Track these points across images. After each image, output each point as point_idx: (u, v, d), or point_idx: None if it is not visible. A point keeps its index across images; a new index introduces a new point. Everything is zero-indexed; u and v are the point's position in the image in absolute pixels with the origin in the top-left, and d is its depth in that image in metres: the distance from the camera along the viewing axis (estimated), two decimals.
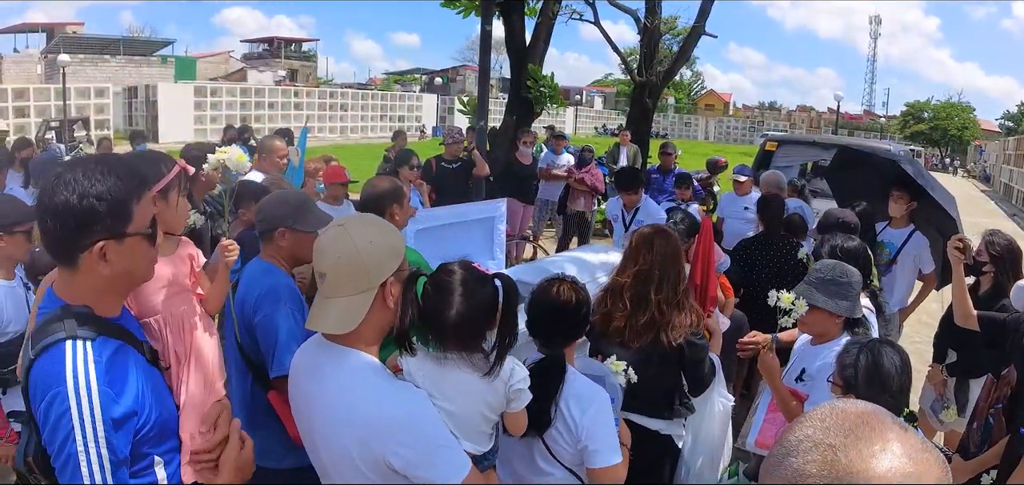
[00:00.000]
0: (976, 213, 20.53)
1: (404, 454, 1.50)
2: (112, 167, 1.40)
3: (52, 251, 1.42)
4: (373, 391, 1.56)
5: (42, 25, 39.95)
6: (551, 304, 2.15)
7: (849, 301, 2.56)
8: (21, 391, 1.42)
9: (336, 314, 1.57)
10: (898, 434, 0.68)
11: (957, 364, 3.71)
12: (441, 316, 1.67)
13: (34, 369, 1.36)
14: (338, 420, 1.57)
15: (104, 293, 1.45)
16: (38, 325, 1.41)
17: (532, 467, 2.12)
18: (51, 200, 1.34)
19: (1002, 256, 3.48)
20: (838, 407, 0.73)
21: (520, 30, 8.75)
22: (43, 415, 1.33)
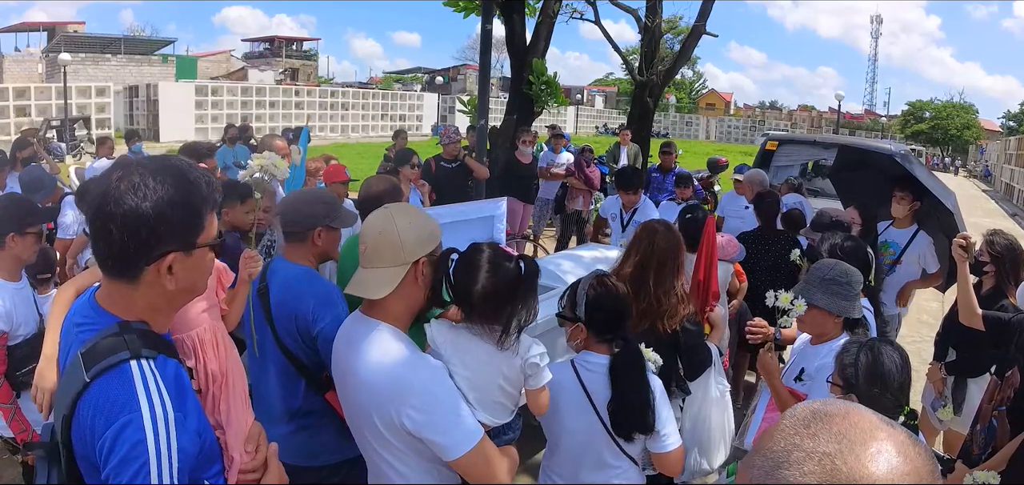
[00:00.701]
0: (977, 212, 20.51)
1: (416, 417, 1.64)
2: (183, 172, 1.28)
3: (111, 263, 1.26)
4: (392, 359, 1.70)
5: (43, 24, 40.01)
6: (612, 298, 2.23)
7: (848, 301, 2.55)
8: (60, 418, 1.26)
9: (374, 281, 1.75)
10: (886, 432, 0.68)
11: (956, 363, 3.71)
12: (468, 289, 1.84)
13: (93, 393, 1.20)
14: (367, 383, 1.73)
15: (162, 309, 1.34)
16: (91, 344, 1.24)
17: (599, 464, 2.19)
18: (118, 207, 1.20)
19: (1003, 256, 3.48)
20: (817, 410, 0.71)
21: (521, 29, 8.75)
22: (109, 443, 1.18)
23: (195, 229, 1.29)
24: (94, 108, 24.12)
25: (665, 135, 42.53)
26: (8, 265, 2.81)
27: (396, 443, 1.71)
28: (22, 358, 2.76)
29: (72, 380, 1.23)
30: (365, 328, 1.78)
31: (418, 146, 8.50)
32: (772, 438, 0.71)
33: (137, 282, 1.27)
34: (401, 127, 13.29)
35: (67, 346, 1.34)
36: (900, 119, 65.91)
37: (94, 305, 1.31)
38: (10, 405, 2.71)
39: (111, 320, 1.28)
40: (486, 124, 6.83)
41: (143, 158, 1.36)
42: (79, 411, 1.21)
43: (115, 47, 37.22)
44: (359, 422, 1.81)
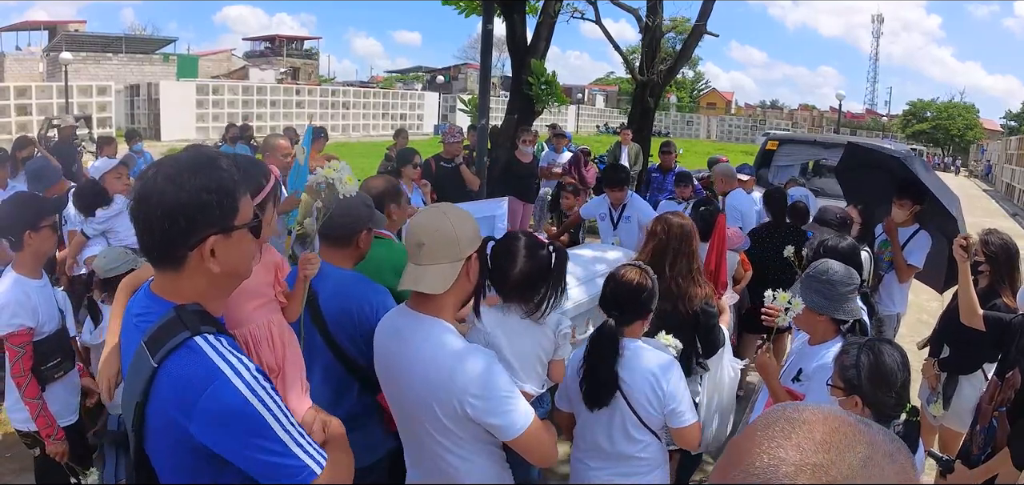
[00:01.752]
0: (977, 212, 20.51)
1: (477, 405, 1.78)
2: (213, 161, 1.35)
3: (156, 252, 1.34)
4: (450, 352, 1.83)
5: (44, 23, 40.04)
6: (621, 284, 2.47)
7: (830, 301, 2.55)
8: (131, 406, 1.32)
9: (432, 277, 1.84)
10: (865, 434, 0.66)
11: (948, 359, 3.73)
12: (507, 274, 2.11)
13: (165, 375, 1.27)
14: (425, 377, 1.84)
15: (210, 294, 1.40)
16: (152, 331, 1.31)
17: (627, 438, 2.40)
18: (157, 199, 1.28)
19: (998, 255, 3.49)
20: (792, 418, 0.67)
21: (521, 29, 8.74)
22: (203, 412, 1.25)
23: (231, 212, 1.35)
24: (95, 107, 24.10)
25: (666, 134, 42.52)
26: (29, 262, 2.85)
27: (457, 431, 1.84)
28: (47, 353, 2.81)
29: (140, 369, 1.31)
30: (417, 323, 1.89)
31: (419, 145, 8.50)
32: (748, 452, 0.66)
33: (182, 268, 1.34)
34: (402, 126, 13.30)
35: (128, 336, 1.41)
36: (901, 119, 65.89)
37: (150, 295, 1.39)
38: (37, 400, 2.75)
39: (167, 306, 1.35)
40: (487, 124, 6.82)
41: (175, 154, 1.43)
42: (153, 396, 1.29)
43: (116, 46, 37.25)
44: (415, 413, 1.90)
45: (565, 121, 40.26)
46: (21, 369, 2.71)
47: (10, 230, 2.83)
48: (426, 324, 1.88)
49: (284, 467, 1.30)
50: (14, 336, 2.69)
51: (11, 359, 2.72)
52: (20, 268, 2.83)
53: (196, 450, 1.29)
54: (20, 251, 2.83)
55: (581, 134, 40.41)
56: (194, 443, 1.28)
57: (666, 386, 2.34)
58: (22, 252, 2.83)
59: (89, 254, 4.17)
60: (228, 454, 1.28)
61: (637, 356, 2.38)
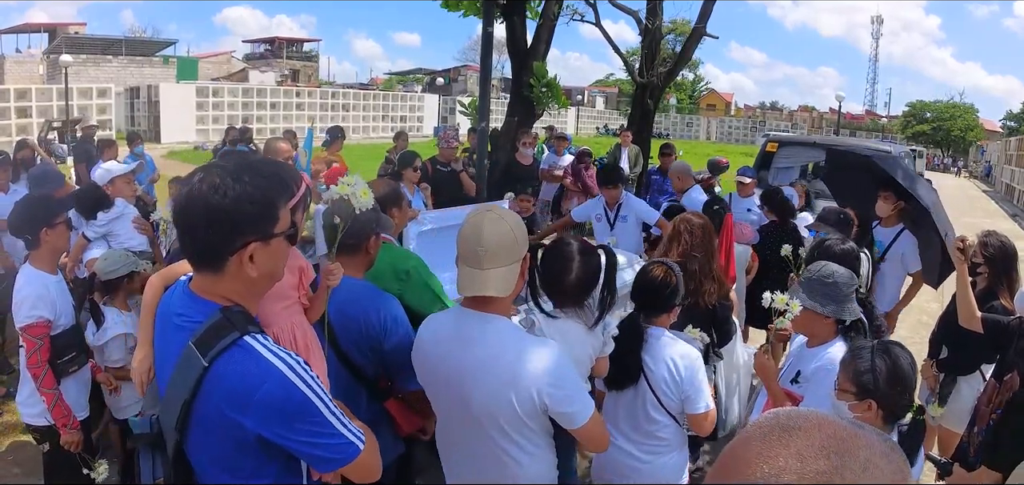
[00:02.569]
0: (977, 213, 20.53)
1: (554, 393, 1.84)
2: (257, 170, 1.40)
3: (198, 254, 1.40)
4: (526, 347, 1.88)
5: (44, 26, 40.03)
6: (647, 280, 2.69)
7: (835, 302, 2.56)
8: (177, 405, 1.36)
9: (496, 280, 1.85)
10: (861, 437, 0.66)
11: (947, 360, 3.74)
12: (562, 280, 2.21)
13: (217, 373, 1.33)
14: (500, 374, 1.85)
15: (247, 296, 1.46)
16: (201, 332, 1.36)
17: (646, 418, 2.59)
18: (202, 205, 1.33)
19: (995, 257, 3.49)
20: (789, 426, 0.67)
21: (521, 31, 8.75)
22: (260, 405, 1.32)
23: (272, 220, 1.40)
24: (95, 110, 24.09)
25: (666, 136, 42.52)
26: (46, 258, 2.96)
27: (530, 424, 1.89)
28: (63, 347, 2.91)
29: (189, 368, 1.35)
30: (483, 323, 1.91)
31: (419, 147, 8.51)
32: (746, 462, 0.65)
33: (222, 272, 1.39)
34: (402, 129, 13.31)
35: (165, 335, 1.47)
36: (901, 120, 65.92)
37: (191, 295, 1.44)
38: (54, 391, 2.82)
39: (210, 307, 1.40)
40: (487, 126, 6.82)
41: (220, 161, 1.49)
42: (203, 393, 1.34)
43: (116, 48, 37.25)
44: (486, 411, 1.90)
45: (565, 123, 40.26)
46: (38, 360, 2.79)
47: (27, 229, 2.95)
48: (492, 323, 1.91)
49: (333, 446, 1.39)
50: (33, 328, 2.78)
51: (28, 350, 2.79)
52: (38, 263, 2.94)
53: (243, 443, 1.37)
54: (37, 248, 2.95)
55: (581, 136, 40.40)
56: (244, 437, 1.36)
57: (685, 373, 2.52)
58: (39, 249, 2.95)
59: (89, 257, 4.18)
60: (282, 441, 1.36)
61: (661, 344, 2.58)
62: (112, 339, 3.30)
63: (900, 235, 4.57)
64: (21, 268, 3.02)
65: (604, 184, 5.49)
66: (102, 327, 3.31)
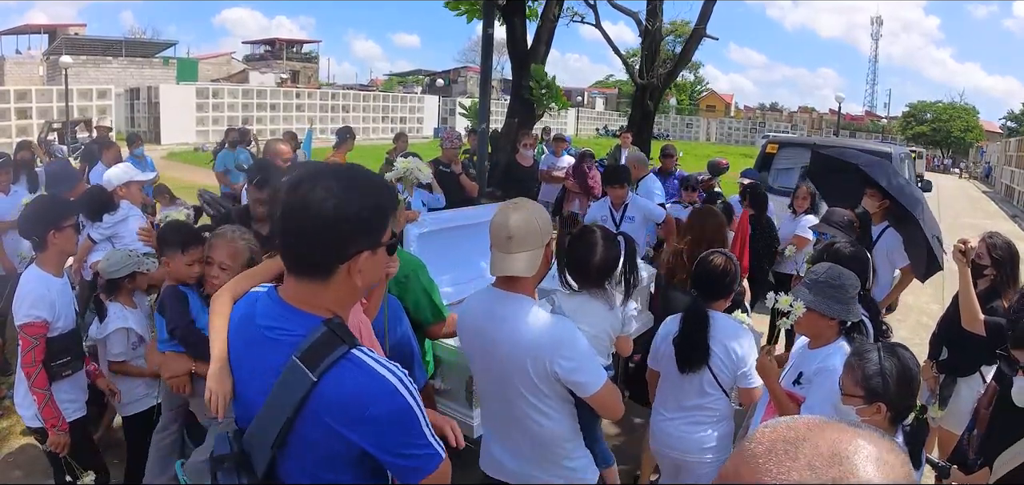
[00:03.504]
0: (977, 214, 20.53)
1: (566, 364, 2.09)
2: (365, 179, 1.40)
3: (306, 262, 1.37)
4: (542, 323, 2.13)
5: (44, 27, 40.07)
6: (709, 268, 2.95)
7: (843, 305, 2.56)
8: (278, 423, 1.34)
9: (521, 263, 2.10)
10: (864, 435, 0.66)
11: (947, 361, 3.74)
12: (587, 263, 2.53)
13: (330, 385, 1.31)
14: (519, 344, 2.12)
15: (346, 304, 1.45)
16: (309, 347, 1.33)
17: (701, 393, 2.89)
18: (317, 213, 1.31)
19: (1003, 259, 3.48)
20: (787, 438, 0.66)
21: (522, 33, 8.77)
22: (373, 420, 1.32)
23: (382, 230, 1.40)
24: (95, 111, 24.12)
25: (666, 137, 42.54)
26: (52, 261, 2.96)
27: (545, 390, 2.15)
28: (58, 350, 2.91)
29: (294, 384, 1.32)
30: (509, 301, 2.17)
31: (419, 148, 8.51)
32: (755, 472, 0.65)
33: (329, 281, 1.37)
34: (402, 130, 13.33)
35: (252, 349, 1.44)
36: (901, 120, 65.93)
37: (285, 307, 1.40)
38: (45, 391, 2.83)
39: (309, 319, 1.37)
40: (487, 128, 6.83)
41: (321, 166, 1.47)
42: (308, 411, 1.32)
43: (116, 50, 37.28)
44: (510, 378, 2.17)
45: (565, 124, 40.27)
46: (32, 359, 2.80)
47: (34, 231, 2.96)
48: (516, 301, 2.16)
49: (425, 457, 1.39)
50: (30, 327, 2.80)
51: (24, 348, 2.81)
52: (43, 265, 2.95)
53: (345, 459, 1.37)
54: (44, 250, 2.95)
55: (581, 137, 40.42)
56: (349, 452, 1.36)
57: (740, 351, 2.81)
58: (46, 251, 2.95)
59: (93, 259, 4.20)
60: (384, 453, 1.36)
61: (718, 326, 2.86)
62: (114, 332, 3.32)
63: (884, 232, 4.57)
64: (27, 268, 3.03)
65: (610, 183, 5.49)
66: (105, 321, 3.34)
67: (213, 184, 9.80)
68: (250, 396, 1.44)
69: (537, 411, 2.18)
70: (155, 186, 6.50)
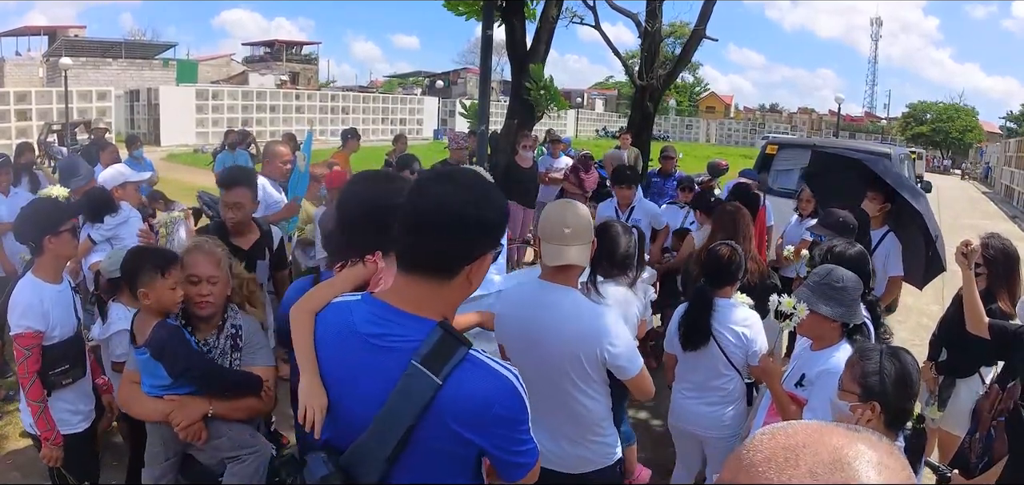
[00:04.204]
0: (977, 215, 20.54)
1: (613, 350, 2.31)
2: (493, 187, 1.45)
3: (435, 260, 1.37)
4: (591, 311, 2.36)
5: (44, 28, 40.09)
6: (715, 257, 3.23)
7: (846, 307, 2.56)
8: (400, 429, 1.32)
9: (576, 253, 2.32)
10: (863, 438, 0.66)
11: (946, 362, 3.73)
12: (613, 253, 2.88)
13: (455, 387, 1.32)
14: (571, 331, 2.31)
15: (455, 307, 1.47)
16: (429, 351, 1.33)
17: (716, 374, 3.16)
18: (459, 212, 1.34)
19: (996, 259, 3.46)
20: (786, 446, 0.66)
21: (521, 34, 8.74)
22: (496, 419, 1.35)
23: (500, 237, 1.46)
24: (95, 112, 24.09)
25: (666, 138, 42.52)
26: (49, 266, 2.87)
27: (593, 374, 2.35)
28: (55, 359, 2.82)
29: (417, 388, 1.32)
30: (557, 292, 2.36)
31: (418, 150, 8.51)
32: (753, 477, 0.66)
33: (450, 281, 1.39)
34: (401, 132, 13.33)
35: (355, 359, 1.41)
36: (900, 121, 65.94)
37: (394, 312, 1.40)
38: (39, 403, 2.77)
39: (423, 323, 1.37)
40: (487, 129, 6.82)
41: (445, 171, 1.54)
42: (431, 415, 1.31)
43: (116, 51, 37.31)
44: (561, 364, 2.33)
45: (564, 126, 40.26)
46: (26, 370, 2.74)
47: (29, 235, 2.88)
48: (565, 291, 2.36)
49: (528, 452, 1.43)
50: (20, 337, 2.72)
51: (17, 359, 2.76)
52: (39, 272, 2.86)
53: (462, 461, 1.38)
54: (40, 255, 2.86)
55: (581, 138, 40.40)
56: (468, 453, 1.37)
57: (750, 333, 3.06)
58: (42, 256, 2.86)
59: (92, 260, 4.19)
60: (500, 451, 1.39)
61: (726, 311, 3.14)
62: (116, 333, 3.31)
63: (885, 237, 4.54)
64: (24, 275, 2.94)
65: (618, 183, 5.49)
66: (107, 322, 3.34)
67: (213, 186, 9.80)
68: (352, 409, 1.40)
69: (583, 394, 2.37)
70: (150, 191, 6.49)
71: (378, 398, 1.34)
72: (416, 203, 1.37)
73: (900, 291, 4.69)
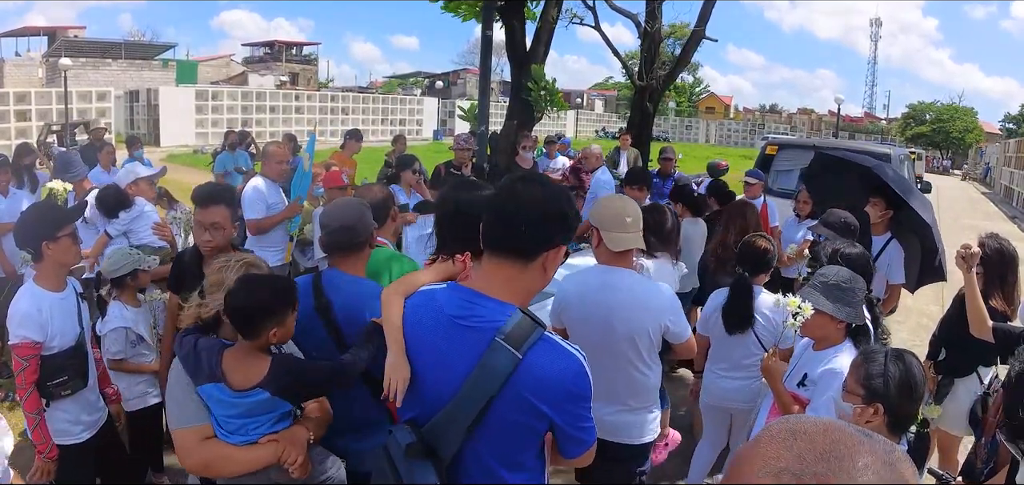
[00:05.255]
0: (976, 215, 20.53)
1: (673, 321, 2.68)
2: (567, 190, 1.69)
3: (519, 245, 1.55)
4: (652, 288, 2.71)
5: (44, 29, 40.08)
6: (753, 248, 3.55)
7: (852, 307, 2.56)
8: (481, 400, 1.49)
9: (638, 239, 2.65)
10: (866, 444, 0.67)
11: (944, 362, 3.73)
12: (663, 229, 3.40)
13: (533, 363, 1.49)
14: (636, 308, 2.61)
15: (531, 293, 1.63)
16: (511, 330, 1.50)
17: (747, 354, 3.46)
18: (540, 202, 1.55)
19: (991, 258, 3.44)
20: (792, 429, 0.69)
21: (521, 35, 8.76)
22: (568, 394, 1.52)
23: (573, 231, 1.66)
24: (95, 113, 24.08)
25: (666, 139, 42.53)
26: (49, 273, 2.77)
27: (656, 344, 2.67)
28: (55, 369, 2.73)
29: (499, 362, 1.49)
30: (620, 274, 2.65)
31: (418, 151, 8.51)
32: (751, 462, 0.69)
33: (529, 266, 1.57)
34: (400, 132, 13.34)
35: (442, 338, 1.57)
36: (900, 121, 65.97)
37: (477, 296, 1.57)
38: (36, 414, 2.69)
39: (504, 306, 1.55)
40: (486, 130, 6.83)
41: (526, 175, 1.77)
42: (510, 387, 1.48)
43: (115, 52, 37.29)
44: (624, 339, 2.59)
45: (564, 126, 40.27)
46: (24, 381, 2.67)
47: (29, 241, 2.76)
48: (626, 273, 2.66)
49: (589, 429, 1.61)
50: (18, 348, 2.64)
51: (15, 369, 2.68)
52: (40, 279, 2.76)
53: (532, 433, 1.55)
54: (40, 261, 2.76)
55: (580, 138, 40.39)
56: (538, 425, 1.54)
57: (780, 316, 3.13)
58: (42, 263, 2.75)
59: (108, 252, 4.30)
60: (568, 428, 1.56)
61: (760, 298, 3.45)
62: (111, 331, 3.39)
63: (888, 244, 4.50)
64: (25, 283, 2.87)
65: (630, 184, 5.49)
66: (105, 319, 3.43)
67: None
68: (436, 385, 1.56)
69: (644, 364, 2.67)
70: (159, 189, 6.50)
71: (462, 373, 1.51)
72: (507, 198, 1.58)
73: (897, 299, 4.68)
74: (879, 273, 4.42)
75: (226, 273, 2.19)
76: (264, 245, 4.99)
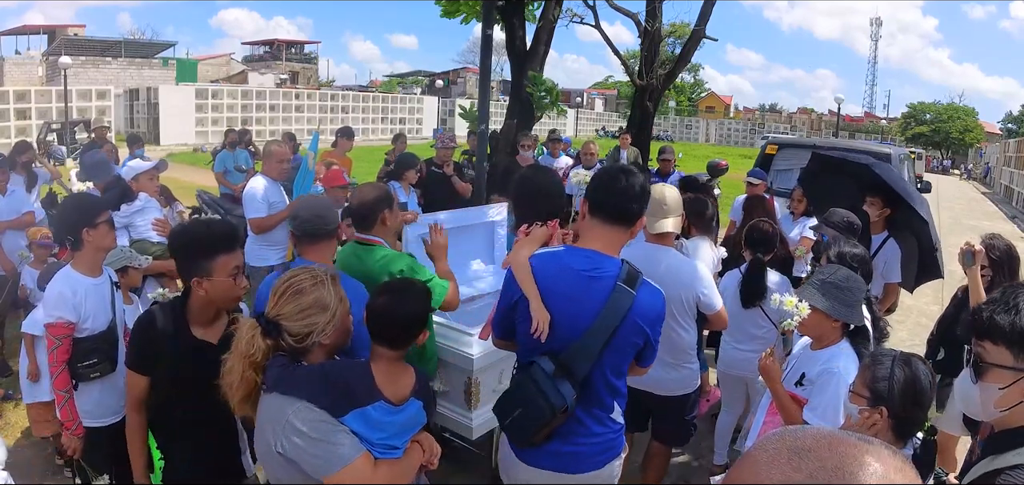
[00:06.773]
0: (977, 215, 20.53)
1: (704, 292, 3.16)
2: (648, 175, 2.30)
3: (629, 213, 2.16)
4: (687, 264, 3.24)
5: (43, 27, 40.07)
6: (760, 231, 4.02)
7: (849, 307, 2.55)
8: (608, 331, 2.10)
9: (673, 224, 3.18)
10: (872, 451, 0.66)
11: (942, 362, 3.73)
12: (703, 214, 4.10)
13: (642, 298, 2.12)
14: (675, 280, 3.06)
15: (621, 249, 2.23)
16: (626, 276, 2.11)
17: (756, 326, 3.96)
18: (644, 184, 2.18)
19: (1002, 260, 3.46)
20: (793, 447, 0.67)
21: (521, 34, 8.77)
22: (659, 318, 2.20)
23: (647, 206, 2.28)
24: (94, 111, 24.09)
25: (667, 138, 42.53)
26: (88, 260, 2.94)
27: (689, 310, 3.18)
28: (86, 351, 2.88)
29: (621, 301, 2.09)
30: (662, 252, 3.16)
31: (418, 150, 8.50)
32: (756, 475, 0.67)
33: (630, 228, 2.19)
34: (400, 131, 13.32)
35: (574, 286, 2.12)
36: (900, 121, 65.95)
37: (595, 254, 2.15)
38: (65, 392, 2.82)
39: (613, 261, 2.15)
40: (487, 129, 6.82)
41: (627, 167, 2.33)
42: (628, 318, 2.09)
43: (115, 50, 37.28)
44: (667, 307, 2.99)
45: (564, 125, 40.26)
46: (55, 359, 2.81)
47: (70, 230, 2.96)
48: (667, 251, 3.17)
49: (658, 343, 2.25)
50: (53, 327, 2.81)
51: (49, 348, 2.83)
52: (78, 265, 2.94)
53: (635, 348, 2.17)
54: (80, 249, 2.94)
55: (580, 138, 40.34)
56: (640, 341, 2.16)
57: (785, 294, 3.25)
58: (82, 250, 2.94)
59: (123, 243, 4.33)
60: (654, 341, 2.19)
61: (769, 277, 3.92)
62: None
63: (886, 242, 4.50)
64: (61, 268, 3.02)
65: None
66: None
67: (212, 185, 9.79)
68: (571, 322, 2.10)
69: (681, 326, 3.18)
70: None
71: (593, 311, 2.08)
72: (621, 182, 2.15)
73: (898, 296, 4.67)
74: (875, 272, 4.41)
75: (322, 290, 1.92)
76: (266, 244, 4.99)
